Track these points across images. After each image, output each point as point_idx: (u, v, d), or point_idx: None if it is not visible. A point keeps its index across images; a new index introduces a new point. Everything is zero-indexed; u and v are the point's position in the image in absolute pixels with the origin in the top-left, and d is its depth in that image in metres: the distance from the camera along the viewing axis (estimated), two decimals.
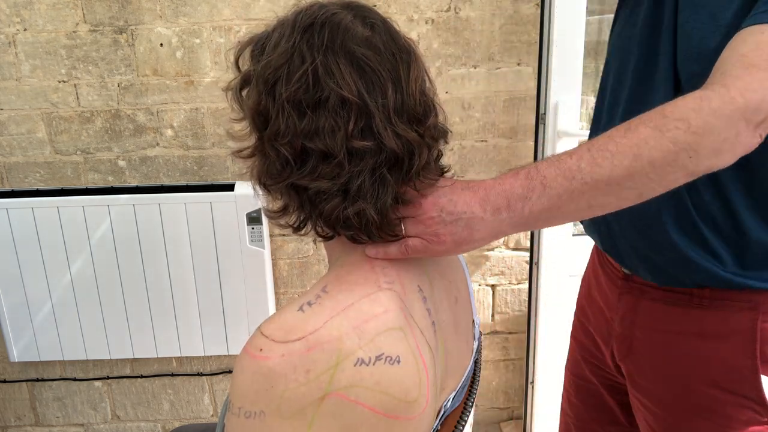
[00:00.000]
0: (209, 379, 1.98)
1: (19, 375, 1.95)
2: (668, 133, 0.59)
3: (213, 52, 1.68)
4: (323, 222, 0.65)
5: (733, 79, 0.60)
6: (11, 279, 1.73)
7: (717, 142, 0.59)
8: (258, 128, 0.64)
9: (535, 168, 0.62)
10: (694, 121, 0.59)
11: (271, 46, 0.63)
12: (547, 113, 1.62)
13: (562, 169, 0.60)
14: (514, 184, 0.61)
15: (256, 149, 0.66)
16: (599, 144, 0.61)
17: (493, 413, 2.08)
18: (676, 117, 0.60)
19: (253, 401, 0.55)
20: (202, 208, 1.68)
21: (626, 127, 0.61)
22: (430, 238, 0.62)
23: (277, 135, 0.62)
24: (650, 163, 0.59)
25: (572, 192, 0.60)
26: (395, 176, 0.62)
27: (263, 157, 0.65)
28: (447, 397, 0.70)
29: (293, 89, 0.60)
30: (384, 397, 0.58)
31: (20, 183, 1.78)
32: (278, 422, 0.55)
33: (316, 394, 0.55)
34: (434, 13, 1.69)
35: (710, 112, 0.59)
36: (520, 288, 1.94)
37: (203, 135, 1.75)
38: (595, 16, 1.81)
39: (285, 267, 1.87)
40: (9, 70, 1.68)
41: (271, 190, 0.66)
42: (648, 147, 0.59)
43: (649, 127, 0.60)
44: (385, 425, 0.59)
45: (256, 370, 0.55)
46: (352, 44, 0.61)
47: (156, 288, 1.75)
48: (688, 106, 0.60)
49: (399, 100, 0.62)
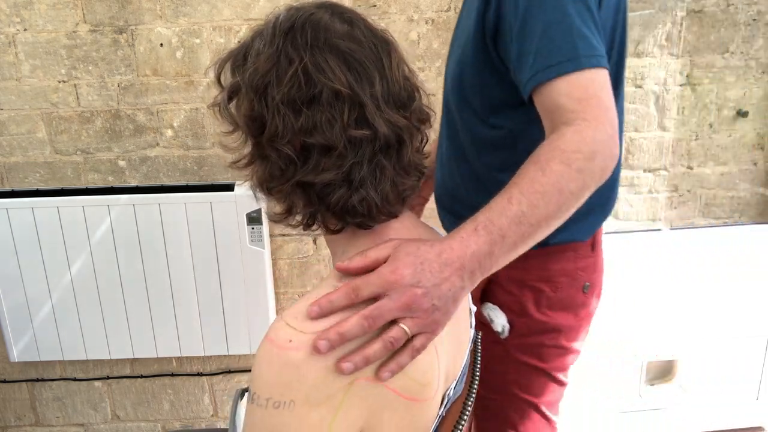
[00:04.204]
0: (209, 379, 1.98)
1: (19, 375, 1.95)
2: (573, 164, 0.69)
3: (213, 52, 1.68)
4: (332, 214, 0.66)
5: (600, 119, 0.73)
6: (11, 279, 1.73)
7: (605, 162, 0.72)
8: (254, 134, 0.66)
9: (488, 221, 0.65)
10: (586, 150, 0.70)
11: (254, 55, 0.65)
12: None
13: (510, 216, 0.65)
14: (480, 243, 0.63)
15: (254, 156, 0.67)
16: (526, 187, 0.68)
17: None
18: (572, 149, 0.70)
19: (283, 392, 0.56)
20: (202, 208, 1.68)
21: (538, 167, 0.69)
22: (432, 328, 0.62)
23: (275, 136, 0.63)
24: (572, 194, 0.68)
25: (524, 236, 0.66)
26: (390, 162, 0.65)
27: (263, 162, 0.66)
28: (449, 386, 0.72)
29: (286, 90, 0.62)
30: (405, 380, 0.61)
31: (20, 183, 1.78)
32: (307, 410, 0.57)
33: (346, 379, 0.57)
34: (434, 13, 1.69)
35: (593, 141, 0.71)
36: None
37: (203, 135, 1.75)
38: None
39: (285, 267, 1.87)
40: (9, 70, 1.68)
41: (275, 192, 0.67)
42: (566, 180, 0.68)
43: (557, 163, 0.69)
44: (404, 407, 0.62)
45: (286, 362, 0.56)
46: (336, 39, 0.63)
47: (156, 288, 1.75)
48: (575, 139, 0.71)
49: (385, 88, 0.64)
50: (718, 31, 1.81)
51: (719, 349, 1.89)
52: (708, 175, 1.94)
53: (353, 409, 0.58)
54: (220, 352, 1.83)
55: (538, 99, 0.78)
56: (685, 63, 1.84)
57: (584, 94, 0.74)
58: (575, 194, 0.69)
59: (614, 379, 1.89)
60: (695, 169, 1.94)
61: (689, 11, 1.80)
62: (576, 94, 0.74)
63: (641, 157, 1.91)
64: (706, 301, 1.84)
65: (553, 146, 0.71)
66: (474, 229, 0.64)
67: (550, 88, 0.76)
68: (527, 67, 0.78)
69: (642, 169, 1.92)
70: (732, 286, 1.83)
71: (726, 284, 1.83)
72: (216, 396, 2.00)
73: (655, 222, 1.98)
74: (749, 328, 1.88)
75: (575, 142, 0.70)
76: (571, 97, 0.74)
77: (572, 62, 0.75)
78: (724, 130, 1.91)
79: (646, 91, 1.85)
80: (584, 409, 1.91)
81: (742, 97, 1.88)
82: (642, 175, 1.93)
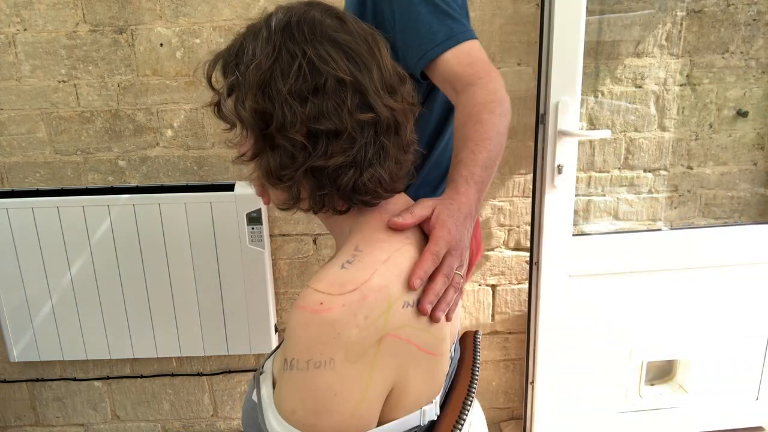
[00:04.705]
0: (209, 379, 1.98)
1: (19, 375, 1.95)
2: (495, 111, 0.87)
3: (213, 53, 1.68)
4: (340, 195, 0.71)
5: (491, 74, 0.92)
6: (11, 279, 1.73)
7: (508, 103, 0.90)
8: (260, 128, 0.69)
9: (470, 173, 0.81)
10: (496, 98, 0.88)
11: (249, 54, 0.69)
12: (547, 113, 1.62)
13: (480, 164, 0.81)
14: (473, 192, 0.79)
15: (260, 148, 0.70)
16: (477, 138, 0.84)
17: (493, 413, 2.08)
18: (488, 101, 0.88)
19: (322, 351, 0.60)
20: (202, 208, 1.68)
21: (475, 121, 0.86)
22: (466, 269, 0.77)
23: (284, 126, 0.66)
24: (503, 134, 0.87)
25: (490, 177, 0.83)
26: (391, 142, 0.71)
27: (273, 152, 0.69)
28: (453, 344, 0.78)
29: (292, 81, 0.66)
30: (426, 335, 0.67)
31: (20, 183, 1.78)
32: (347, 367, 0.61)
33: (375, 336, 0.62)
34: None
35: (496, 91, 0.89)
36: (520, 288, 1.94)
37: (203, 135, 1.75)
38: (595, 16, 1.81)
39: (285, 267, 1.87)
40: (9, 70, 1.68)
41: (286, 180, 0.70)
42: (497, 124, 0.86)
43: (485, 113, 0.86)
44: (426, 361, 0.68)
45: (321, 322, 0.60)
46: (332, 32, 0.68)
47: (156, 288, 1.75)
48: (484, 93, 0.89)
49: (379, 75, 0.70)
50: (718, 31, 1.81)
51: (719, 349, 1.89)
52: (708, 175, 1.94)
53: (385, 365, 0.63)
54: (220, 352, 1.83)
55: (434, 73, 0.97)
56: (685, 63, 1.84)
57: (471, 59, 0.94)
58: (505, 133, 0.87)
59: (614, 379, 1.89)
60: (695, 169, 1.94)
61: (689, 11, 1.80)
62: (465, 61, 0.93)
63: (641, 157, 1.91)
64: (706, 301, 1.84)
65: (473, 103, 0.88)
66: (466, 182, 0.80)
67: (442, 62, 0.94)
68: (414, 51, 0.96)
69: (642, 169, 1.92)
70: (732, 286, 1.83)
71: (726, 284, 1.83)
72: (216, 396, 2.00)
73: (655, 222, 1.98)
74: (749, 328, 1.88)
75: (486, 94, 0.88)
76: (462, 64, 0.93)
77: (452, 39, 0.94)
78: (724, 130, 1.91)
79: (646, 91, 1.85)
80: (584, 408, 1.91)
81: (742, 97, 1.88)
82: (642, 175, 1.93)
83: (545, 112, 1.62)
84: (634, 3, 1.78)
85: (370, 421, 0.64)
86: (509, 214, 1.86)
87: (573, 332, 1.81)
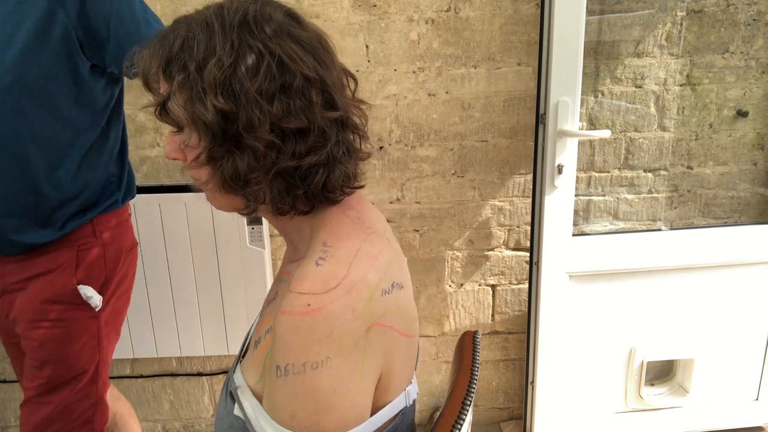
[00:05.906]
0: (209, 379, 1.98)
1: None
2: None
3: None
4: (309, 195, 0.70)
5: None
6: None
7: None
8: (222, 129, 0.65)
9: None
10: None
11: (202, 50, 0.64)
12: (547, 113, 1.62)
13: None
14: None
15: (221, 152, 0.66)
16: None
17: (493, 413, 2.08)
18: None
19: (318, 350, 0.60)
20: (202, 208, 1.68)
21: None
22: None
23: (251, 126, 0.64)
24: None
25: None
26: (351, 138, 0.73)
27: (240, 154, 0.66)
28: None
29: (260, 79, 0.63)
30: (404, 319, 0.69)
31: None
32: (342, 361, 0.61)
33: (363, 327, 0.63)
34: (434, 13, 1.69)
35: None
36: (520, 288, 1.94)
37: None
38: (595, 16, 1.81)
39: None
40: None
41: (254, 183, 0.68)
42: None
43: None
44: (405, 344, 0.70)
45: (312, 323, 0.60)
46: (292, 30, 0.67)
47: (156, 288, 1.75)
48: None
49: (336, 72, 0.70)
50: (718, 31, 1.81)
51: (719, 349, 1.89)
52: (708, 175, 1.94)
53: (375, 353, 0.64)
54: (220, 352, 1.83)
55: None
56: (685, 63, 1.84)
57: None
58: None
59: (614, 379, 1.89)
60: (695, 169, 1.94)
61: (689, 11, 1.80)
62: None
63: (641, 157, 1.91)
64: (706, 301, 1.84)
65: None
66: None
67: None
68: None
69: (642, 169, 1.92)
70: (732, 286, 1.83)
71: (726, 284, 1.83)
72: (216, 396, 2.00)
73: (655, 222, 1.98)
74: (749, 328, 1.88)
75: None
76: None
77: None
78: (724, 130, 1.91)
79: (646, 91, 1.85)
80: (584, 408, 1.91)
81: (742, 97, 1.88)
82: (642, 175, 1.93)
83: (545, 112, 1.63)
84: (634, 3, 1.78)
85: (366, 408, 0.65)
86: (509, 214, 1.87)
87: (573, 332, 1.81)
